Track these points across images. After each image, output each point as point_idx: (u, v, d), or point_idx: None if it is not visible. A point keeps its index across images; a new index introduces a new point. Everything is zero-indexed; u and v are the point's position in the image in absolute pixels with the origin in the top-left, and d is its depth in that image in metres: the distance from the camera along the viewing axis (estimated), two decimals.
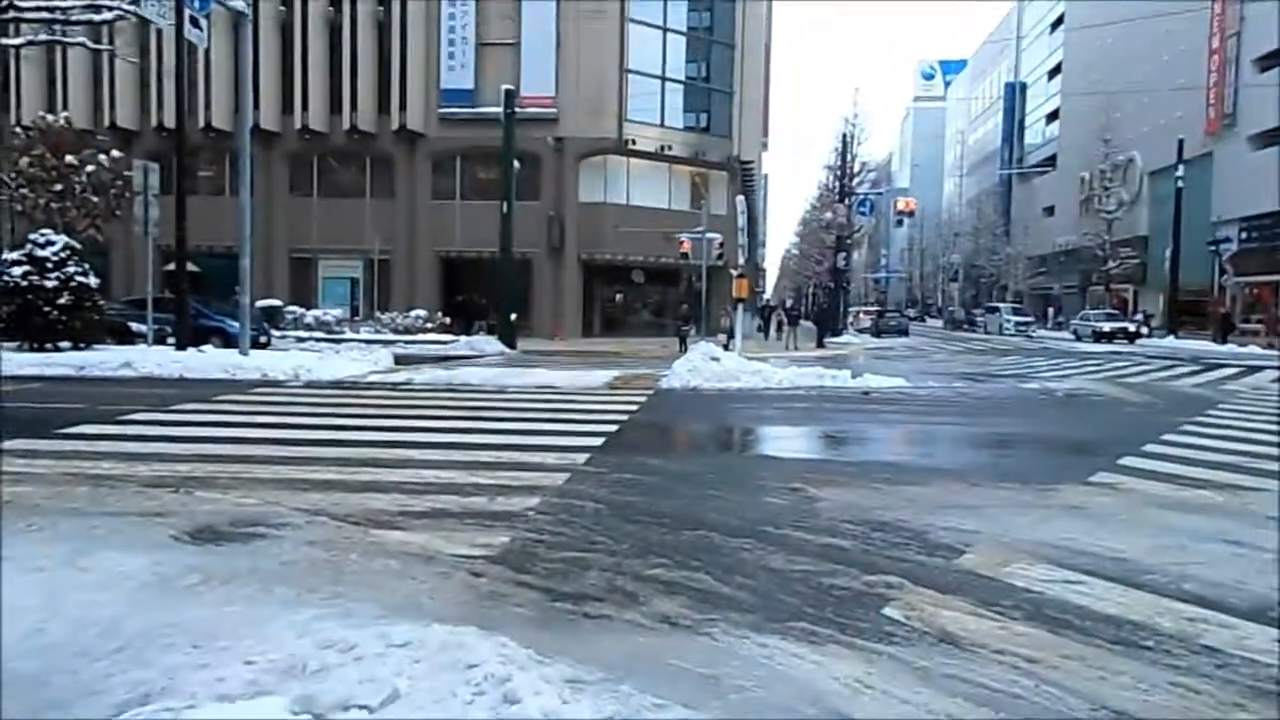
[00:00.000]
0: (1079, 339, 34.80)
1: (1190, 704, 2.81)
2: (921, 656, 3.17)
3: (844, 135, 36.58)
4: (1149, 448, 7.92)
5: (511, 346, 22.46)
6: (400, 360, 17.49)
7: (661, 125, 30.86)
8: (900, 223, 58.81)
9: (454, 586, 3.83)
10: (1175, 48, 39.54)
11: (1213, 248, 34.34)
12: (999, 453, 8.07)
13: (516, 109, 23.92)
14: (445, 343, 23.86)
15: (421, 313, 27.08)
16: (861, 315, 48.67)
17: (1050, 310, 51.20)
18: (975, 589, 3.92)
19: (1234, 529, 4.99)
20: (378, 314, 28.03)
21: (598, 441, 7.79)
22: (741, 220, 21.43)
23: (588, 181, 30.15)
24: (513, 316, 23.38)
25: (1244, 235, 35.79)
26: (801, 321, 32.53)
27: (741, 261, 21.96)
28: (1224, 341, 29.59)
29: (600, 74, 29.09)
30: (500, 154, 23.95)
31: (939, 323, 60.59)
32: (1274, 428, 9.67)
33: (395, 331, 25.75)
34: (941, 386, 14.49)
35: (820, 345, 28.81)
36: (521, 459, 6.85)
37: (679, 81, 31.57)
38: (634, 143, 29.76)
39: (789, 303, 38.13)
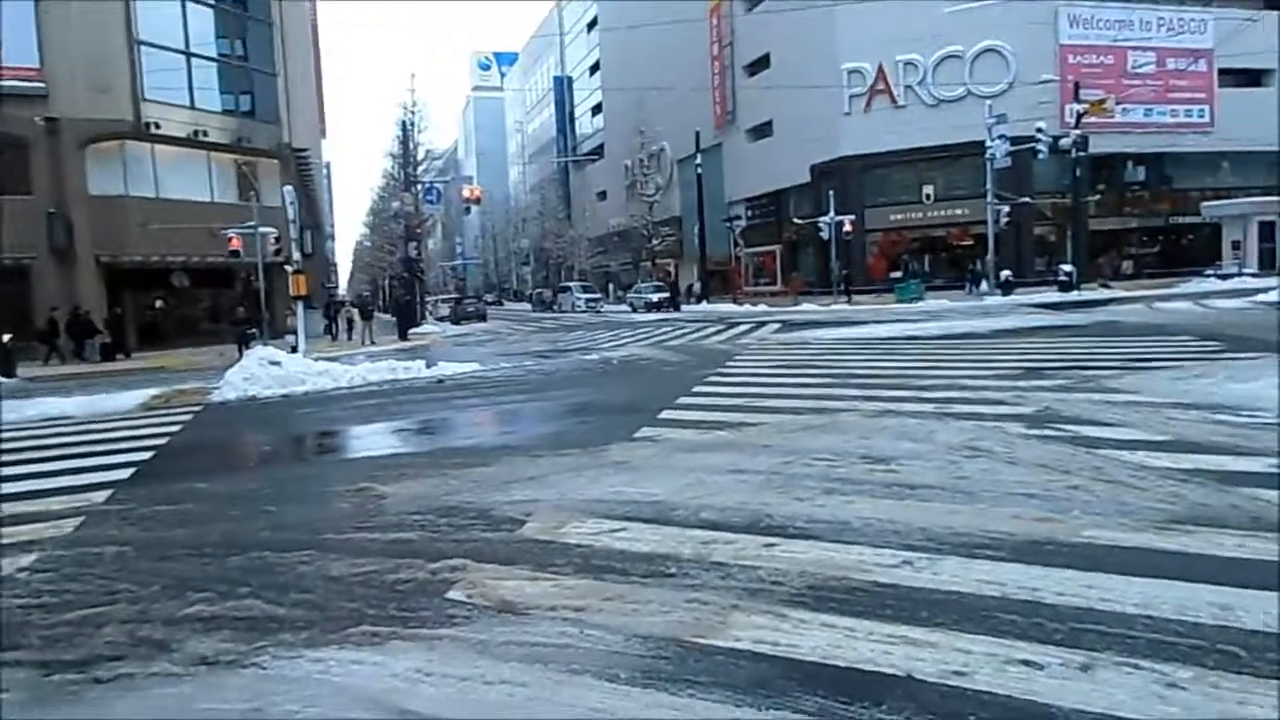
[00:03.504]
0: (634, 310, 39.03)
1: (699, 615, 3.29)
2: (482, 631, 3.27)
3: (403, 123, 36.15)
4: (681, 400, 9.18)
5: (8, 375, 18.21)
6: None
7: (192, 107, 27.28)
8: (469, 210, 60.04)
9: None
10: (689, 52, 45.91)
11: (728, 224, 40.87)
12: (561, 423, 8.70)
13: None
14: None
15: None
16: (440, 304, 48.92)
17: (611, 286, 56.64)
18: (534, 555, 4.16)
19: (739, 459, 5.99)
20: None
21: (125, 474, 6.73)
22: (292, 212, 19.98)
23: (102, 172, 25.47)
24: (5, 338, 18.88)
25: (750, 213, 43.23)
26: (378, 315, 31.62)
27: (299, 256, 20.50)
28: (740, 303, 35.51)
29: (101, 44, 24.66)
30: None
31: (523, 305, 63.41)
32: (772, 370, 11.87)
33: None
34: (513, 366, 15.18)
35: (403, 338, 28.32)
36: (12, 511, 5.62)
37: (208, 58, 28.17)
38: (158, 126, 25.86)
39: (366, 295, 36.79)
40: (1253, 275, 29.14)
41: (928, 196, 33.78)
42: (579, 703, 2.67)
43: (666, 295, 38.67)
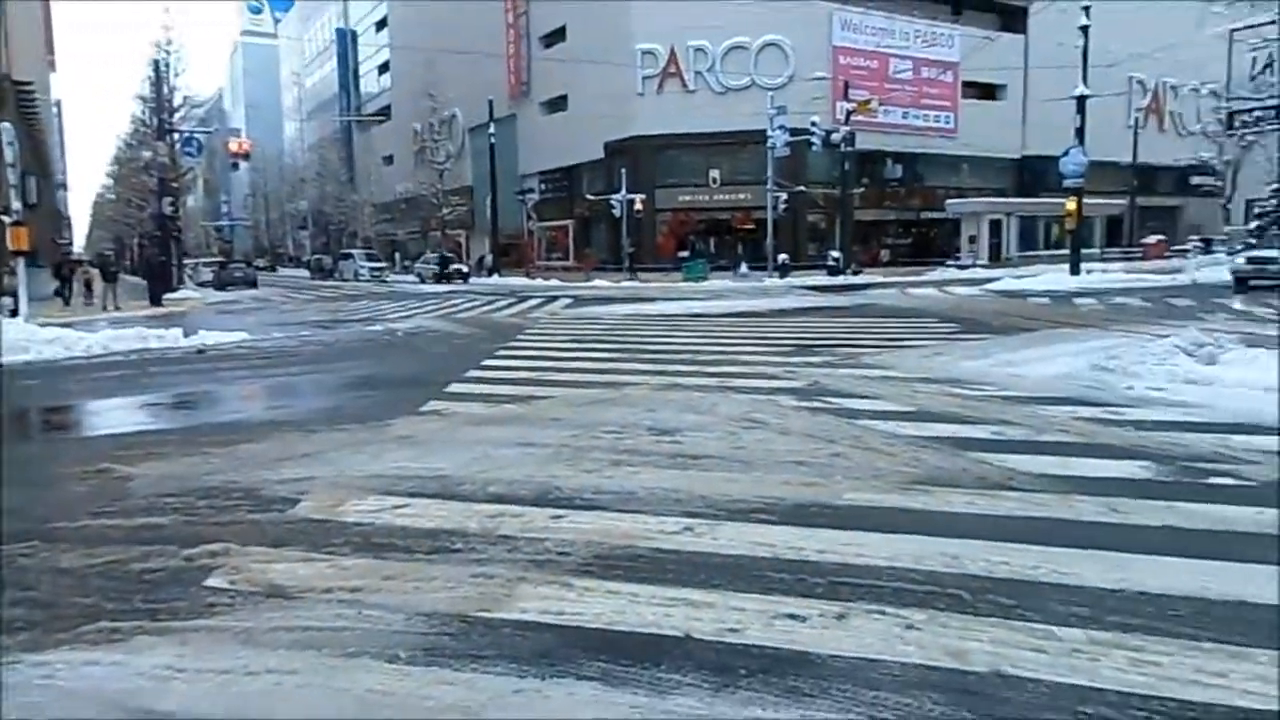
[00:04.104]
0: (422, 281, 37.69)
1: (485, 589, 3.24)
2: (246, 618, 3.02)
3: (157, 63, 32.25)
4: (471, 373, 9.00)
5: None
6: None
7: None
8: (236, 166, 54.84)
9: None
10: (483, 17, 44.55)
11: (521, 197, 40.41)
12: (341, 396, 8.23)
13: None
14: None
15: None
16: (202, 268, 44.46)
17: (397, 255, 54.26)
18: (308, 535, 3.91)
19: (528, 433, 5.97)
20: None
21: None
22: (10, 153, 17.23)
23: None
24: None
25: (544, 187, 43.00)
26: (124, 277, 28.17)
27: (19, 206, 17.73)
28: (532, 277, 35.36)
29: None
30: None
31: (300, 272, 59.03)
32: (563, 344, 11.94)
33: None
34: (288, 337, 14.17)
35: (155, 303, 25.44)
36: None
37: None
38: None
39: (109, 254, 32.57)
40: (984, 266, 33.25)
41: (714, 180, 35.27)
42: (355, 686, 2.54)
43: (457, 266, 37.67)
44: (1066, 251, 27.02)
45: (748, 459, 5.13)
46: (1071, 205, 25.30)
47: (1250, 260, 20.28)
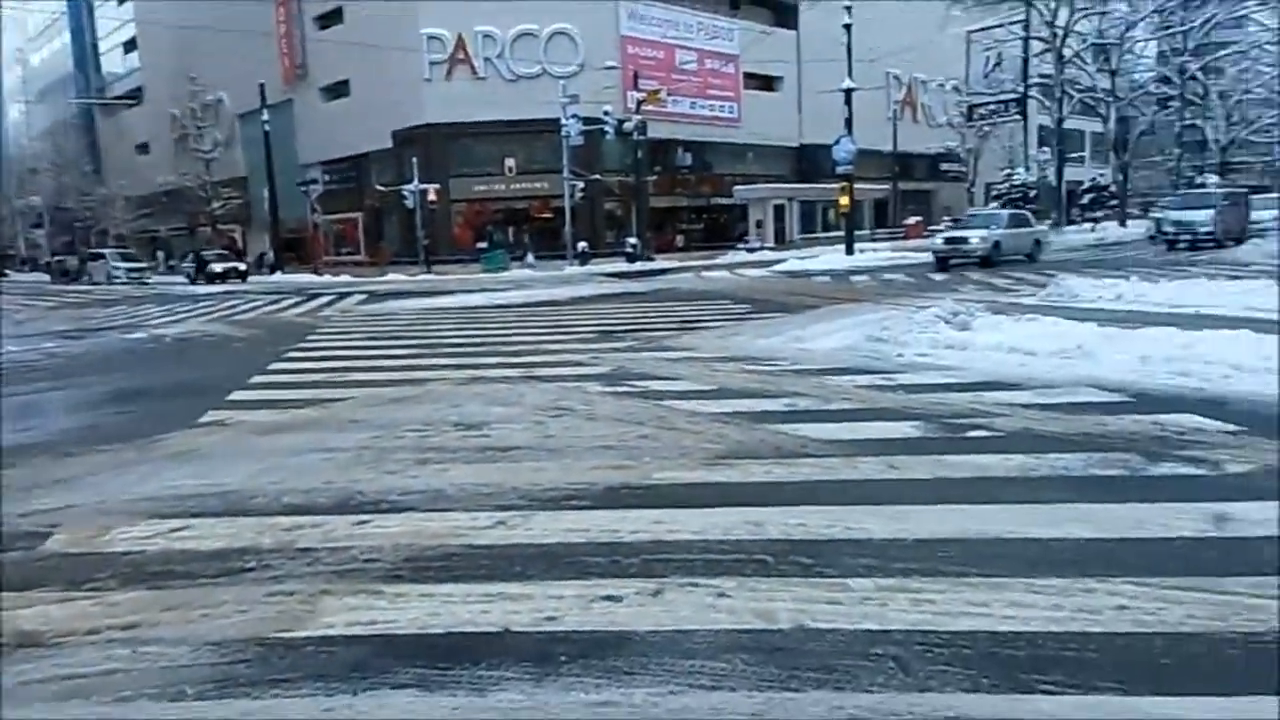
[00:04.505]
0: (192, 282, 34.46)
1: (284, 607, 3.01)
2: None
3: None
4: (256, 379, 8.34)
5: None
6: None
7: None
8: None
9: None
10: None
11: (303, 188, 37.87)
12: (100, 413, 7.34)
13: None
14: None
15: None
16: None
17: (161, 254, 49.18)
18: (64, 572, 3.47)
19: (326, 437, 5.62)
20: None
21: None
22: None
23: None
24: None
25: (328, 178, 40.48)
26: None
27: None
28: (320, 273, 33.35)
29: None
30: None
31: (38, 276, 51.80)
32: (359, 342, 11.36)
33: None
34: (26, 350, 12.43)
35: None
36: None
37: None
38: None
39: None
40: (771, 249, 35.33)
41: (510, 169, 34.84)
42: None
43: (233, 265, 34.76)
44: (842, 233, 29.28)
45: (557, 447, 5.13)
46: (844, 191, 27.45)
47: (947, 241, 21.78)
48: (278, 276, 34.13)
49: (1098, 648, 2.53)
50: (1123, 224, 39.69)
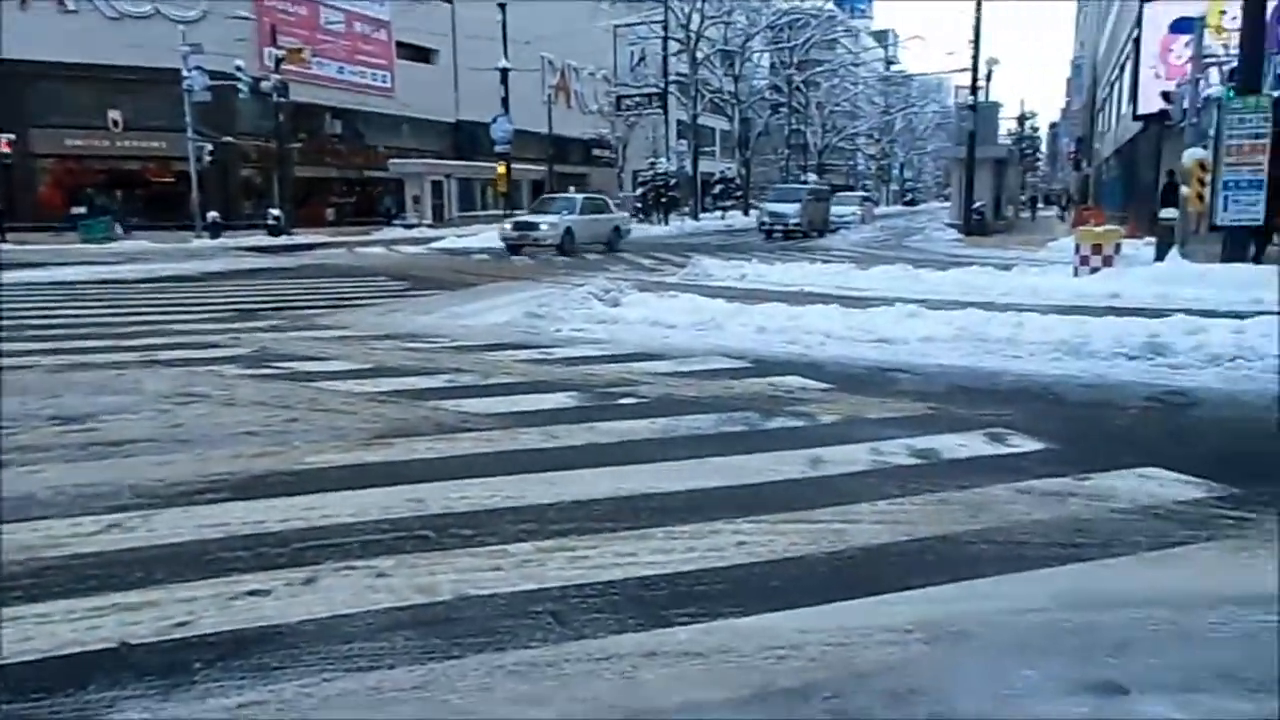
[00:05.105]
0: None
1: None
2: None
3: None
4: None
5: None
6: None
7: None
8: None
9: None
10: None
11: None
12: None
13: None
14: None
15: None
16: None
17: None
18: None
19: None
20: None
21: None
22: None
23: None
24: None
25: None
26: None
27: None
28: None
29: None
30: None
31: None
32: None
33: None
34: None
35: None
36: None
37: None
38: None
39: None
40: (429, 226, 34.57)
41: (116, 123, 29.84)
42: None
43: None
44: (502, 212, 29.57)
45: (188, 437, 4.57)
46: (502, 169, 27.73)
47: (516, 226, 20.78)
48: None
49: (723, 580, 2.88)
50: (745, 213, 45.16)
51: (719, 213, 45.51)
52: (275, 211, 28.55)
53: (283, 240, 26.37)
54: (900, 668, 2.31)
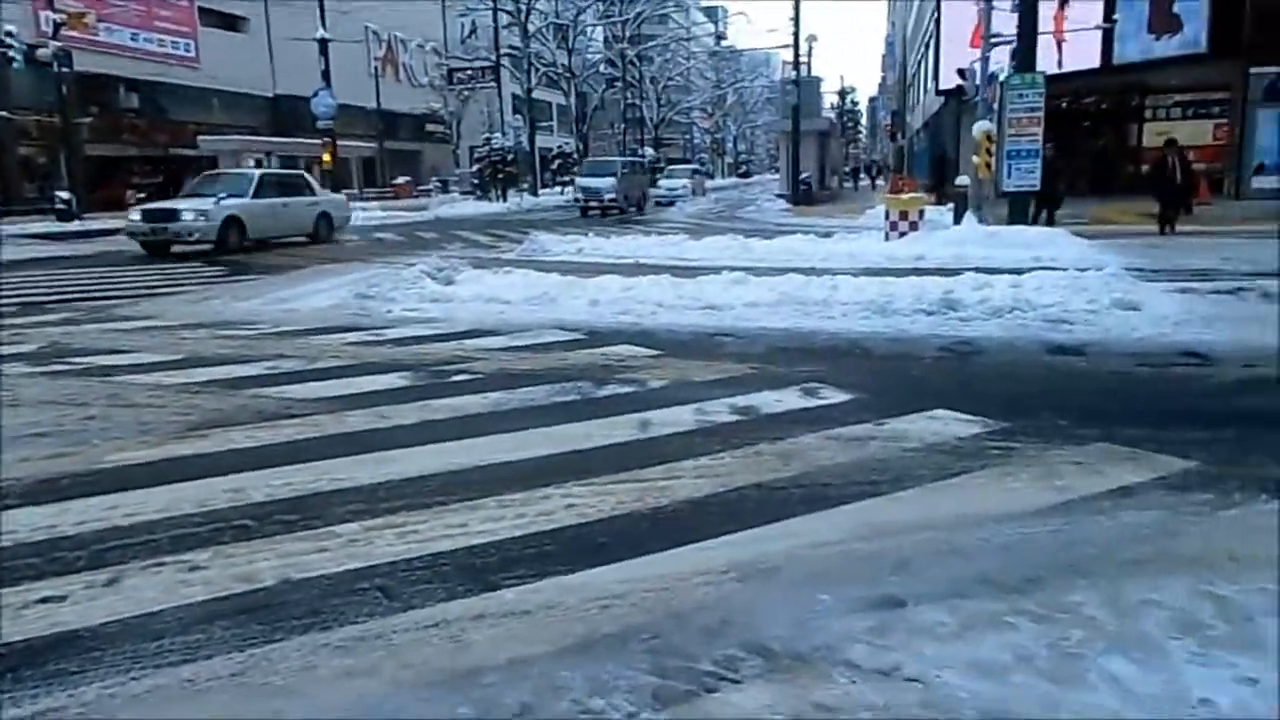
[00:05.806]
0: None
1: None
2: None
3: None
4: None
5: None
6: None
7: None
8: None
9: None
10: None
11: None
12: None
13: None
14: None
15: None
16: None
17: None
18: None
19: None
20: None
21: None
22: None
23: None
24: None
25: None
26: None
27: None
28: None
29: None
30: None
31: None
32: None
33: None
34: None
35: None
36: None
37: None
38: None
39: None
40: None
41: None
42: None
43: None
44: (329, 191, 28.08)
45: None
46: (327, 149, 26.33)
47: (147, 216, 14.99)
48: None
49: (552, 541, 2.97)
50: None
51: (559, 188, 45.29)
52: (64, 194, 25.75)
53: (75, 226, 23.91)
54: (714, 605, 2.48)
